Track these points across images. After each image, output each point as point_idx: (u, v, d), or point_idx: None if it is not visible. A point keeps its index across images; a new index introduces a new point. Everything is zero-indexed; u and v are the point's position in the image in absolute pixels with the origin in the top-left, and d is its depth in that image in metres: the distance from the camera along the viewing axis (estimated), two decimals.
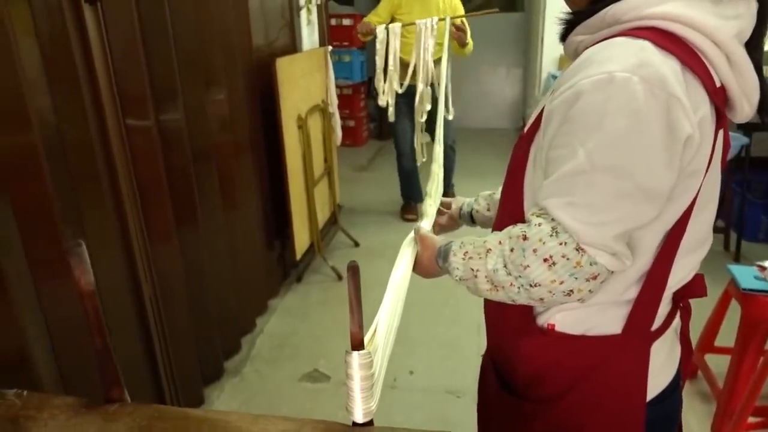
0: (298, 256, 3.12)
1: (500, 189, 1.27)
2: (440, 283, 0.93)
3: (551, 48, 5.27)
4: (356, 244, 3.69)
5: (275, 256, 3.12)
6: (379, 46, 3.13)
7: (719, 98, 0.75)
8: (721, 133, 0.77)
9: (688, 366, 1.02)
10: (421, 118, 3.23)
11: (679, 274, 0.84)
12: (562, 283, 0.75)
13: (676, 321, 0.93)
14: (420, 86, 3.07)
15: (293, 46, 3.35)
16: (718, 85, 0.75)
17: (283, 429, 0.71)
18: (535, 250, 0.75)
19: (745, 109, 0.79)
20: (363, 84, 6.34)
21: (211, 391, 2.34)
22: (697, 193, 0.78)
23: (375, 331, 0.82)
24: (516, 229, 0.79)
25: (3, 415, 0.74)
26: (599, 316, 0.85)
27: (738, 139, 3.06)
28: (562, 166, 0.74)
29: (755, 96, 0.78)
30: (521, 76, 6.97)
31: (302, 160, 3.11)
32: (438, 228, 1.37)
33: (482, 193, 1.32)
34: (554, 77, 5.00)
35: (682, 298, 0.91)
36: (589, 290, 0.76)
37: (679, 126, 0.70)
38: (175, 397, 2.05)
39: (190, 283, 2.15)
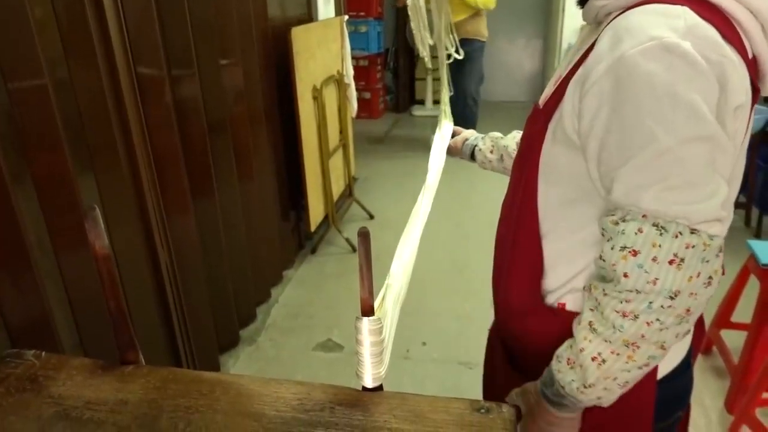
0: (313, 228, 3.14)
1: (510, 134, 1.26)
2: (455, 255, 0.90)
3: (572, 18, 5.14)
4: (371, 217, 3.70)
5: (290, 227, 3.14)
6: (411, 13, 3.29)
7: (752, 70, 0.70)
8: (753, 109, 0.74)
9: (700, 344, 0.99)
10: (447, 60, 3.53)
11: None
12: (699, 275, 0.67)
13: None
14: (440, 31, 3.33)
15: (309, 16, 3.31)
16: (750, 56, 0.70)
17: (294, 392, 0.72)
18: (654, 259, 0.66)
19: None
20: (380, 55, 6.26)
21: (227, 359, 2.38)
22: None
23: (383, 297, 0.82)
24: (608, 255, 0.70)
25: (22, 375, 0.76)
26: None
27: (763, 112, 2.98)
28: (639, 151, 0.67)
29: None
30: (541, 47, 6.83)
31: (317, 132, 3.10)
32: None
33: (491, 134, 1.31)
34: None
35: None
36: (720, 266, 0.69)
37: (732, 91, 0.66)
38: (192, 364, 2.09)
39: (206, 252, 2.18)
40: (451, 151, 1.44)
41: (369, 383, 0.72)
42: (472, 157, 1.34)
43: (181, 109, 1.97)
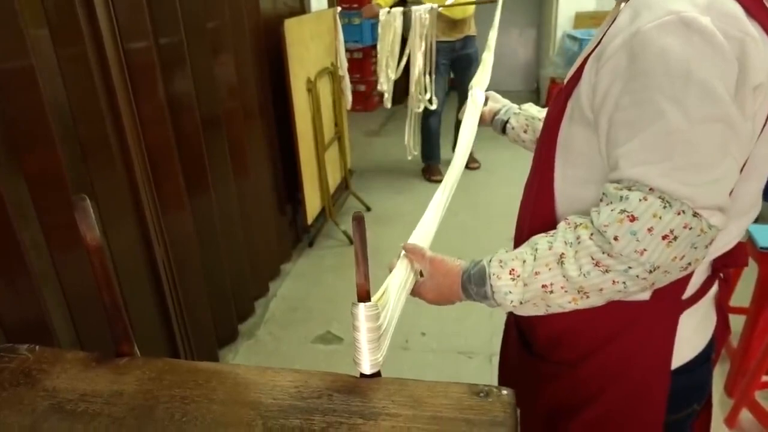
0: (310, 221, 3.13)
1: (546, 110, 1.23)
2: (454, 246, 0.90)
3: (567, 6, 5.12)
4: (368, 209, 3.69)
5: (287, 221, 3.13)
6: (381, 31, 3.08)
7: None
8: None
9: (723, 341, 0.96)
10: (417, 108, 3.21)
11: (722, 240, 0.79)
12: (682, 258, 0.66)
13: (713, 290, 0.88)
14: (415, 72, 3.04)
15: (301, 8, 3.29)
16: None
17: (291, 380, 0.71)
18: (650, 229, 0.65)
19: None
20: (374, 47, 6.21)
21: (226, 353, 2.38)
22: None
23: (387, 287, 0.81)
24: (604, 216, 0.68)
25: (16, 369, 0.75)
26: None
27: None
28: (647, 127, 0.65)
29: None
30: (535, 36, 6.81)
31: (312, 124, 3.08)
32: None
33: (527, 108, 1.25)
34: (570, 36, 4.87)
35: (722, 267, 0.86)
36: (704, 257, 0.69)
37: (753, 69, 0.64)
38: (191, 358, 2.09)
39: (203, 247, 2.17)
40: (479, 121, 1.37)
41: (367, 369, 0.71)
42: (503, 132, 1.29)
43: (174, 103, 1.96)
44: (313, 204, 3.15)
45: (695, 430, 1.02)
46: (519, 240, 0.96)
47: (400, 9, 3.14)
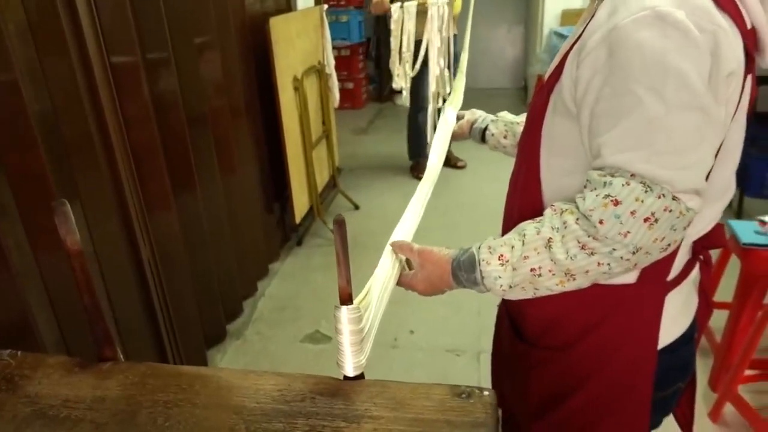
0: (298, 220, 3.12)
1: (523, 115, 1.25)
2: (441, 244, 0.90)
3: (553, 3, 5.14)
4: (356, 207, 3.69)
5: (275, 219, 3.12)
6: (394, 26, 3.02)
7: (750, 41, 0.72)
8: (748, 79, 0.75)
9: (706, 321, 1.00)
10: (438, 104, 3.14)
11: (700, 224, 0.83)
12: (663, 239, 0.70)
13: (695, 272, 0.92)
14: (436, 69, 2.96)
15: (287, 5, 3.28)
16: (749, 26, 0.72)
17: (274, 383, 0.71)
18: (633, 212, 0.68)
19: None
20: (361, 45, 6.22)
21: (215, 353, 2.37)
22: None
23: (369, 289, 0.82)
24: (589, 201, 0.71)
25: None
26: None
27: None
28: (627, 116, 0.68)
29: None
30: (522, 33, 6.83)
31: (299, 123, 3.07)
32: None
33: (503, 115, 1.28)
34: (556, 34, 4.89)
35: (701, 249, 0.89)
36: (682, 239, 0.72)
37: (725, 59, 0.67)
38: (179, 360, 2.08)
39: (190, 247, 2.16)
40: (456, 136, 1.41)
41: (350, 372, 0.72)
42: (483, 140, 1.31)
43: (158, 102, 1.94)
44: (301, 202, 3.14)
45: (681, 407, 1.05)
46: (506, 232, 0.97)
47: (414, 3, 3.07)
